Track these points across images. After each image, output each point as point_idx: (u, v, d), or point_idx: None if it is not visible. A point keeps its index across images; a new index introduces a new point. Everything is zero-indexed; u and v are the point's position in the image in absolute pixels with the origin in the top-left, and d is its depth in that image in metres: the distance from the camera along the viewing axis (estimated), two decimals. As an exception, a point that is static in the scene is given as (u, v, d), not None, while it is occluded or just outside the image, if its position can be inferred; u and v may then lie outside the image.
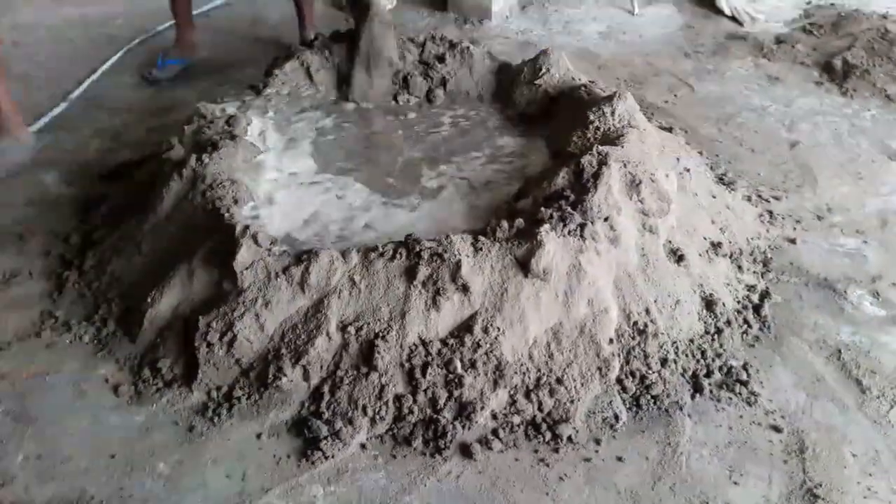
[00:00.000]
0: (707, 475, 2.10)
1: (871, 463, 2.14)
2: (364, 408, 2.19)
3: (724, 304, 2.60)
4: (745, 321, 2.59)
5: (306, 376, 2.26)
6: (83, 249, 2.83)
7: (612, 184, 2.53)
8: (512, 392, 2.25)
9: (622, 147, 2.69)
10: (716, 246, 2.80)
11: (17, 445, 2.16)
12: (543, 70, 3.37)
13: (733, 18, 5.05)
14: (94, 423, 2.23)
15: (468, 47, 3.62)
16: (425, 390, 2.21)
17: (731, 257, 2.81)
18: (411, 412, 2.19)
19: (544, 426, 2.20)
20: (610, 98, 2.96)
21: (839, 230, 3.06)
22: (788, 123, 3.84)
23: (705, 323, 2.55)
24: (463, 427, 2.18)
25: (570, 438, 2.17)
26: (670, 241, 2.67)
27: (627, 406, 2.29)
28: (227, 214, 2.52)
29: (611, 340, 2.37)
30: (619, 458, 2.14)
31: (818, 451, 2.17)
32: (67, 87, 4.12)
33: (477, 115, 3.38)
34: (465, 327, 2.30)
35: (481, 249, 2.36)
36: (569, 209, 2.46)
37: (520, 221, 2.45)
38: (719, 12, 5.10)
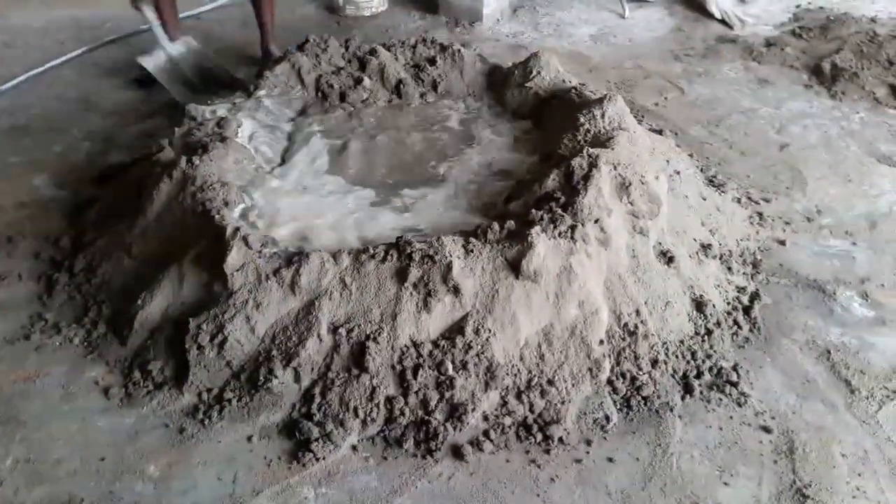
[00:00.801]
0: (697, 476, 2.10)
1: (860, 463, 2.15)
2: (355, 410, 2.19)
3: (714, 306, 2.61)
4: (735, 322, 2.60)
5: (297, 378, 2.25)
6: (73, 252, 2.82)
7: (602, 186, 2.54)
8: (503, 393, 2.25)
9: (612, 149, 2.70)
10: (706, 247, 2.81)
11: (6, 449, 2.14)
12: (534, 73, 3.38)
13: (723, 22, 5.07)
14: (83, 426, 2.22)
15: (459, 50, 3.63)
16: (416, 392, 2.21)
17: (720, 259, 2.82)
18: (402, 414, 2.19)
19: (535, 427, 2.20)
20: (600, 100, 2.97)
21: (828, 232, 3.08)
22: (778, 126, 3.86)
23: (695, 324, 2.56)
24: (454, 428, 2.18)
25: (560, 439, 2.18)
26: (660, 243, 2.68)
27: (618, 407, 2.29)
28: (217, 216, 2.51)
29: (601, 342, 2.37)
30: (610, 459, 2.15)
31: (808, 451, 2.18)
32: (58, 90, 4.10)
33: (467, 117, 3.38)
34: (457, 329, 2.30)
35: (472, 251, 2.36)
36: (559, 211, 2.47)
37: (510, 223, 2.46)
38: (709, 16, 5.13)
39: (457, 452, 2.15)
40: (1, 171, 3.38)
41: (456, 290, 2.31)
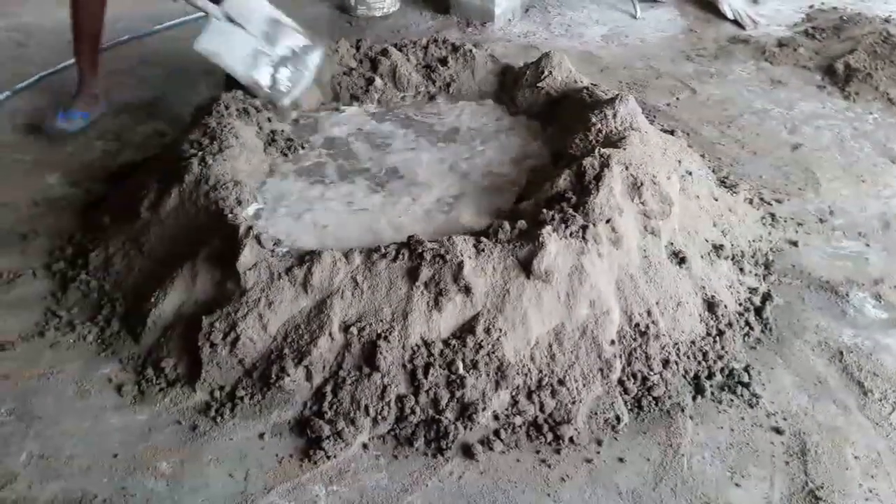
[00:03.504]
0: (708, 477, 2.10)
1: (873, 465, 2.14)
2: (366, 408, 2.19)
3: (725, 306, 2.60)
4: (747, 323, 2.60)
5: (309, 376, 2.26)
6: (87, 249, 2.83)
7: (613, 186, 2.54)
8: (514, 393, 2.25)
9: (624, 149, 2.69)
10: (717, 248, 2.80)
11: (20, 445, 2.16)
12: (546, 73, 3.38)
13: (735, 22, 5.05)
14: (96, 423, 2.23)
15: (470, 50, 3.63)
16: (427, 391, 2.22)
17: (732, 259, 2.82)
18: (413, 412, 2.20)
19: (546, 427, 2.20)
20: (612, 100, 2.97)
21: (841, 233, 3.06)
22: (790, 126, 3.85)
23: (707, 325, 2.55)
24: (465, 427, 2.18)
25: (571, 439, 2.18)
26: (672, 244, 2.68)
27: (629, 407, 2.29)
28: (230, 215, 2.53)
29: (612, 342, 2.37)
30: (621, 460, 2.15)
31: (820, 452, 2.17)
32: (71, 89, 4.11)
33: (479, 118, 3.38)
34: (467, 328, 2.30)
35: (483, 251, 2.37)
36: (570, 211, 2.47)
37: (522, 223, 2.46)
38: (721, 16, 5.11)
39: (467, 451, 2.15)
40: (14, 170, 3.41)
41: (467, 290, 2.31)
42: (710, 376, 2.40)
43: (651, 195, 2.61)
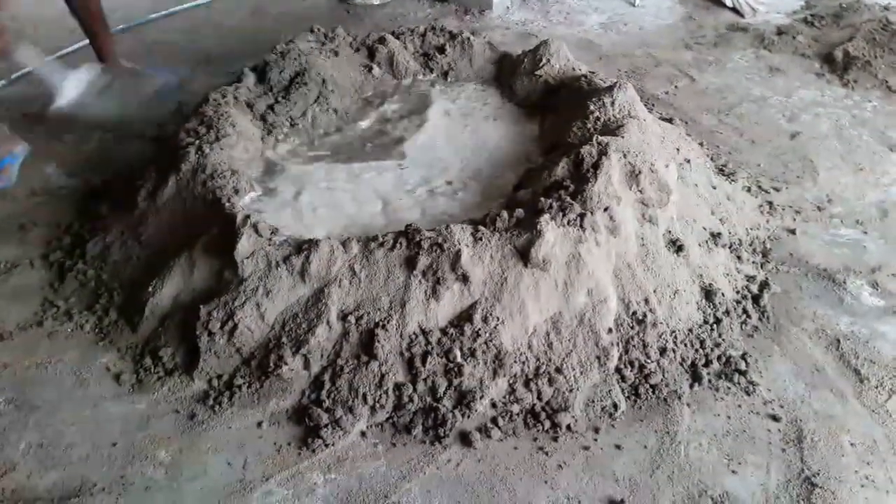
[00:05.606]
0: (705, 464, 2.11)
1: (869, 452, 2.15)
2: (364, 396, 2.20)
3: (723, 294, 2.60)
4: (745, 311, 2.60)
5: (307, 365, 2.27)
6: (85, 239, 2.83)
7: (611, 174, 2.54)
8: (511, 381, 2.26)
9: (622, 137, 2.69)
10: (715, 236, 2.80)
11: (19, 434, 2.17)
12: (544, 60, 3.37)
13: (734, 9, 5.04)
14: (95, 412, 2.24)
15: (468, 38, 3.62)
16: (425, 379, 2.22)
17: (730, 248, 2.82)
18: (411, 400, 2.20)
19: (543, 415, 2.21)
20: (610, 88, 2.96)
21: (839, 221, 3.06)
22: (789, 114, 3.84)
23: (704, 313, 2.55)
24: (462, 415, 2.19)
25: (568, 427, 2.19)
26: (670, 232, 2.68)
27: (626, 395, 2.30)
28: (227, 204, 2.52)
29: (610, 330, 2.37)
30: (618, 447, 2.16)
31: (816, 439, 2.18)
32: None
33: (477, 106, 3.37)
34: (465, 316, 2.31)
35: (481, 239, 2.37)
36: (568, 199, 2.47)
37: (519, 211, 2.46)
38: (720, 3, 5.09)
39: (465, 439, 2.16)
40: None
41: (464, 278, 2.31)
42: (707, 364, 2.40)
43: (649, 183, 2.61)
